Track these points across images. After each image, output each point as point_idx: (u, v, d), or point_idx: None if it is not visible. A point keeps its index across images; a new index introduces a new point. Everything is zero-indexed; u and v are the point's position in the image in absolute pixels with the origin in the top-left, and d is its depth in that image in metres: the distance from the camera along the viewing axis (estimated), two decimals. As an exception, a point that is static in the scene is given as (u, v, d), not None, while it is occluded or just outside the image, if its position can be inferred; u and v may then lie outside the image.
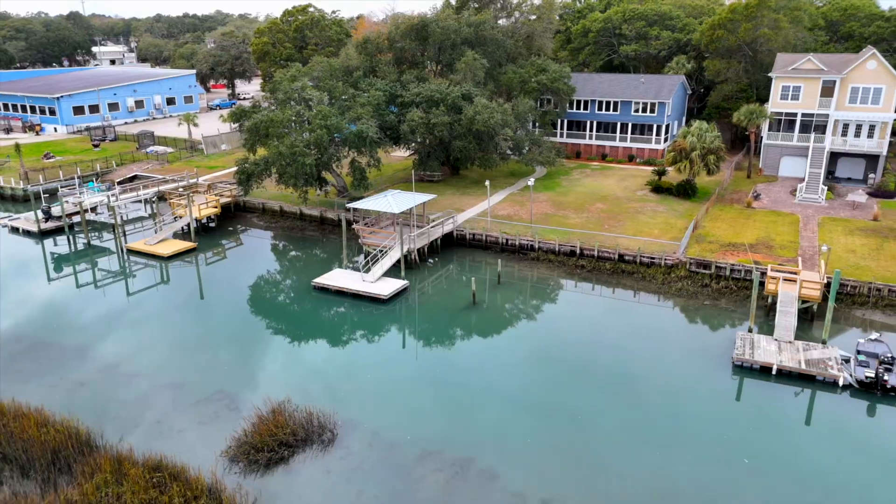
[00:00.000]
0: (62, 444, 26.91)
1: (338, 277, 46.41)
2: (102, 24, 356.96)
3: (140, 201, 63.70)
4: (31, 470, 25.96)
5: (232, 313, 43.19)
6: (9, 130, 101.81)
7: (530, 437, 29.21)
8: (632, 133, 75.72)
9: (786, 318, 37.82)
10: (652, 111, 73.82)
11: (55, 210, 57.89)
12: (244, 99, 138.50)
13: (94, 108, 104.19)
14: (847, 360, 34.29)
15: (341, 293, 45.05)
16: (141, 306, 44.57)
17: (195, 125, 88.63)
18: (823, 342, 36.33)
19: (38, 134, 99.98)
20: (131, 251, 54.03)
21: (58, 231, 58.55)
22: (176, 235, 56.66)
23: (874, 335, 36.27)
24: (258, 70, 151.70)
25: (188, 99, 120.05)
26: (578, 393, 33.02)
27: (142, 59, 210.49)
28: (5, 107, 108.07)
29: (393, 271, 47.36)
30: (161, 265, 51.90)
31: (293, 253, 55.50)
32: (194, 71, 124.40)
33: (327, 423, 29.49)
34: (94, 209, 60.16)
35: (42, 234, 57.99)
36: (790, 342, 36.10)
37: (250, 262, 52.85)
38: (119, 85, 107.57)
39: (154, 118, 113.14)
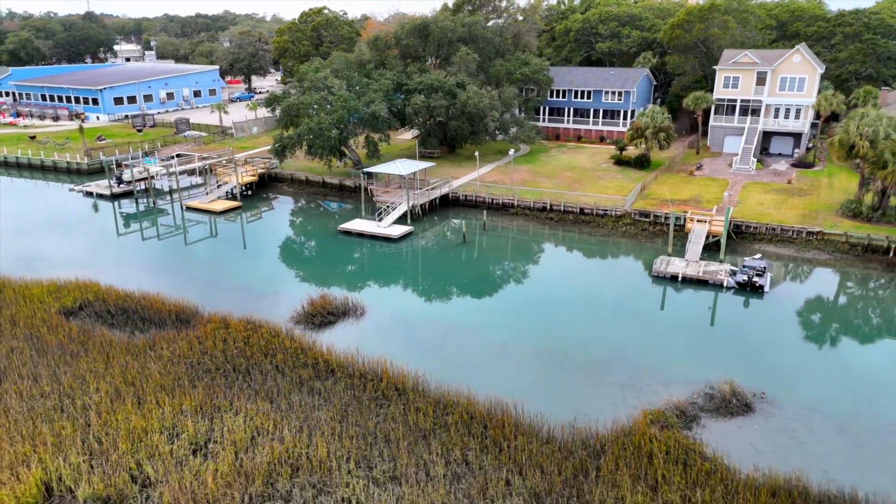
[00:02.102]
0: (182, 311, 39.82)
1: (358, 224, 59.32)
2: (114, 23, 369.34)
3: (187, 173, 76.48)
4: (164, 326, 38.79)
5: (281, 247, 56.27)
6: (56, 119, 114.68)
7: (505, 320, 42.21)
8: (603, 118, 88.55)
9: (695, 245, 50.74)
10: (619, 99, 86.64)
11: (126, 176, 70.79)
12: (260, 93, 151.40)
13: (132, 99, 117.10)
14: (734, 273, 47.13)
15: (361, 235, 57.94)
16: (217, 242, 57.56)
17: (226, 112, 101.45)
18: (721, 261, 49.25)
19: (83, 122, 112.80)
20: (189, 208, 66.93)
21: (127, 194, 71.51)
22: (221, 198, 69.54)
23: (757, 256, 49.08)
24: (272, 67, 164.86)
25: (212, 92, 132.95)
26: (545, 295, 46.02)
27: (160, 56, 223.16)
28: (51, 98, 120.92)
29: (401, 221, 60.24)
30: (212, 219, 64.80)
31: (319, 210, 68.41)
32: (217, 67, 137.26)
33: (359, 305, 42.43)
34: (154, 177, 72.97)
35: (114, 197, 70.92)
36: (696, 261, 48.98)
37: (286, 216, 65.91)
38: (153, 79, 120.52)
39: (183, 108, 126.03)
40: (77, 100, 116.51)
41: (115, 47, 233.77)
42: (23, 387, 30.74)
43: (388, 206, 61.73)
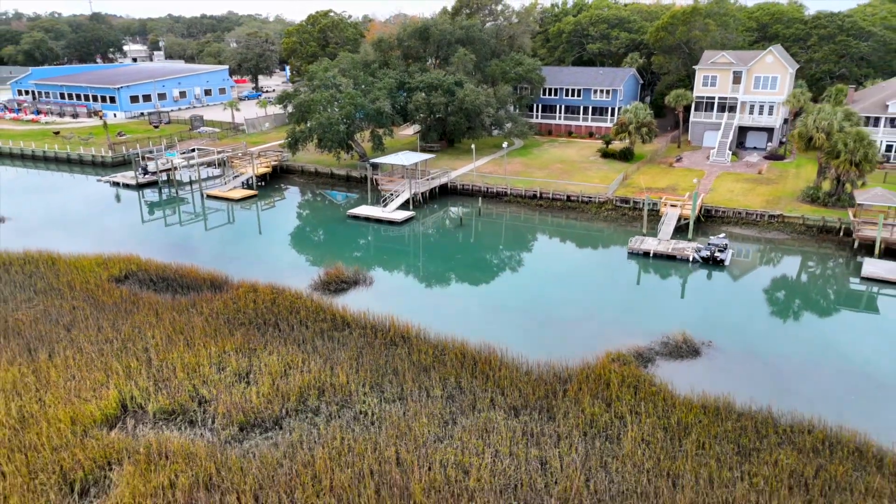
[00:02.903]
0: (214, 279, 45.84)
1: (365, 209, 65.37)
2: (119, 24, 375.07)
3: (206, 165, 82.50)
4: (200, 291, 44.75)
5: (296, 229, 62.37)
6: (75, 116, 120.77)
7: (496, 289, 48.29)
8: (592, 114, 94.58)
9: (667, 226, 56.79)
10: (607, 96, 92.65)
11: (151, 167, 76.84)
12: (267, 91, 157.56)
13: (147, 98, 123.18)
14: (699, 249, 53.12)
15: (368, 219, 63.99)
16: (235, 227, 63.65)
17: (238, 110, 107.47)
18: (689, 240, 55.29)
19: (101, 118, 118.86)
20: (210, 196, 72.99)
21: (151, 184, 77.57)
22: (237, 187, 75.57)
23: (721, 235, 55.04)
24: (278, 67, 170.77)
25: (222, 90, 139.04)
26: (532, 269, 52.14)
27: (168, 56, 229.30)
28: (70, 96, 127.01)
29: (403, 207, 66.28)
30: (230, 207, 70.84)
31: (328, 199, 74.44)
32: (227, 67, 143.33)
33: (367, 276, 48.51)
34: (176, 169, 78.96)
35: (139, 187, 76.97)
36: (667, 240, 55.00)
37: (299, 203, 71.98)
38: (167, 78, 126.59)
39: (194, 106, 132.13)
40: (95, 98, 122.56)
41: (126, 48, 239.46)
42: (89, 335, 36.81)
43: (392, 194, 67.77)
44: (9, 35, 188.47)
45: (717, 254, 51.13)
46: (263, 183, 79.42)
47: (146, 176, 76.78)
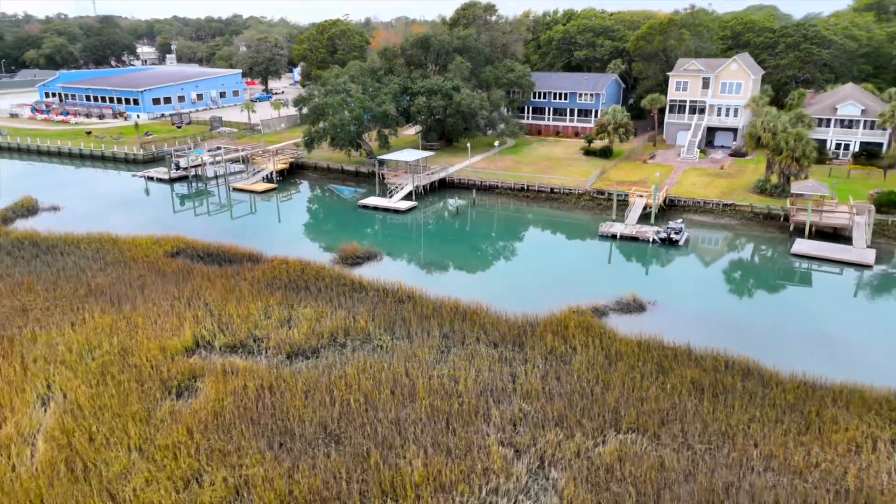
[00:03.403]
0: (251, 255, 55.29)
1: (374, 200, 74.81)
2: (127, 25, 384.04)
3: (231, 161, 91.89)
4: (241, 264, 54.16)
5: (314, 217, 71.86)
6: (101, 117, 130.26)
7: (485, 264, 57.80)
8: (577, 116, 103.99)
9: (633, 214, 66.20)
10: (591, 100, 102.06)
11: (182, 163, 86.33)
12: (277, 93, 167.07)
13: (168, 100, 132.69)
14: (658, 232, 62.49)
15: (377, 208, 73.43)
16: (258, 217, 73.16)
17: (254, 112, 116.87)
18: (652, 225, 64.74)
19: (126, 120, 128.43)
20: (235, 189, 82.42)
21: (181, 179, 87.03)
22: (259, 181, 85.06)
23: (679, 221, 64.40)
24: (286, 69, 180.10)
25: (235, 93, 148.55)
26: (517, 249, 61.66)
27: (179, 58, 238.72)
28: (95, 98, 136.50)
29: (407, 198, 75.70)
30: (252, 198, 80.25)
31: (340, 191, 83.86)
32: (240, 71, 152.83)
33: (377, 253, 58.00)
34: (205, 164, 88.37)
35: (172, 181, 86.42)
36: (633, 225, 64.40)
37: (315, 195, 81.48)
38: (186, 81, 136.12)
39: (210, 108, 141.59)
40: (119, 100, 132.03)
41: (139, 50, 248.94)
42: (159, 294, 46.30)
43: (397, 187, 77.23)
44: (30, 40, 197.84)
45: (672, 236, 60.60)
46: (281, 178, 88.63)
47: (178, 171, 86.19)
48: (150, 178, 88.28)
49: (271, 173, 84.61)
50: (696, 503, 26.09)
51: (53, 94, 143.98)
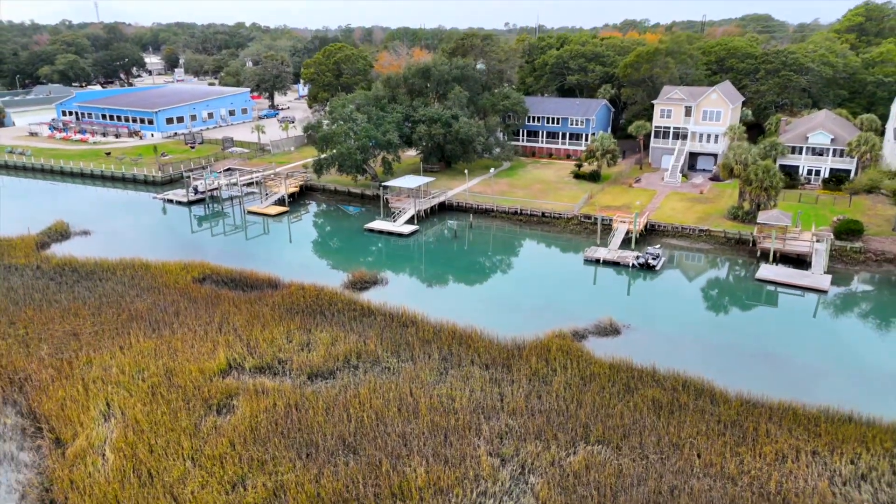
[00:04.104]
0: (269, 280, 61.60)
1: (379, 224, 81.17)
2: (133, 33, 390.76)
3: (246, 184, 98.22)
4: (261, 289, 60.43)
5: (323, 240, 78.20)
6: (118, 136, 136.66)
7: (481, 286, 64.19)
8: (569, 139, 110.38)
9: (616, 239, 72.57)
10: (582, 124, 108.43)
11: (200, 187, 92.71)
12: (283, 109, 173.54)
13: (180, 119, 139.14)
14: (638, 257, 68.82)
15: (381, 232, 79.78)
16: (270, 238, 79.52)
17: (263, 132, 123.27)
18: (633, 250, 71.07)
19: (140, 139, 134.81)
20: (250, 212, 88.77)
21: (199, 201, 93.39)
22: (272, 204, 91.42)
23: (657, 246, 70.76)
24: (291, 83, 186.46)
25: (244, 111, 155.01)
26: (510, 271, 68.03)
27: (187, 70, 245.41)
28: (111, 117, 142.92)
29: (409, 222, 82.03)
30: (265, 220, 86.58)
31: (347, 213, 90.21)
32: (248, 90, 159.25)
33: (384, 278, 64.33)
34: (220, 188, 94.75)
35: (190, 203, 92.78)
36: (616, 250, 70.73)
37: (324, 217, 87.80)
38: (198, 101, 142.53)
39: (220, 126, 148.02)
40: (134, 119, 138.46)
41: (147, 60, 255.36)
42: (192, 319, 52.60)
43: (400, 211, 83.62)
44: (44, 56, 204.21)
45: (650, 261, 66.98)
46: (292, 199, 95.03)
47: (196, 195, 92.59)
48: (170, 201, 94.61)
49: (283, 196, 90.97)
50: (647, 500, 32.39)
51: (70, 113, 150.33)
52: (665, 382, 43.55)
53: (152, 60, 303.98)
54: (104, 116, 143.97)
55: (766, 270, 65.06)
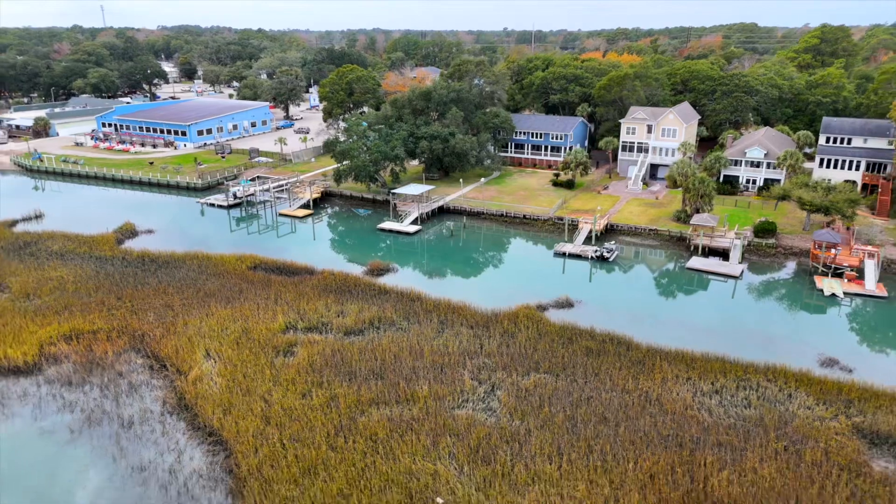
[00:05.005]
0: (306, 268, 79.50)
1: (388, 224, 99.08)
2: (145, 40, 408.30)
3: (276, 190, 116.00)
4: (300, 275, 78.25)
5: (342, 237, 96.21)
6: (154, 146, 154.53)
7: (471, 274, 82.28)
8: (550, 151, 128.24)
9: (580, 236, 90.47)
10: (561, 139, 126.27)
11: (239, 192, 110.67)
12: (297, 119, 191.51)
13: (209, 131, 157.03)
14: (596, 251, 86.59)
15: (391, 231, 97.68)
16: (296, 236, 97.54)
17: (285, 144, 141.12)
18: (592, 245, 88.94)
19: (175, 149, 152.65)
20: (281, 214, 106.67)
21: (236, 205, 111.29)
22: (300, 207, 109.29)
23: (612, 243, 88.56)
24: (303, 95, 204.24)
25: (264, 122, 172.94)
26: (494, 262, 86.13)
27: (203, 80, 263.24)
28: (147, 129, 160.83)
29: (413, 223, 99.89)
30: (293, 221, 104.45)
31: (362, 216, 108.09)
32: (268, 104, 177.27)
33: (394, 267, 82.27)
34: (255, 193, 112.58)
35: (229, 207, 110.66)
36: (580, 245, 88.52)
37: (342, 220, 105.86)
38: (225, 114, 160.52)
39: (244, 136, 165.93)
40: (169, 131, 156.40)
41: (167, 69, 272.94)
42: (254, 296, 70.43)
43: (406, 213, 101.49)
44: (77, 70, 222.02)
45: (605, 254, 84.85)
46: (315, 203, 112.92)
47: (234, 199, 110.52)
48: (211, 205, 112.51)
49: (309, 201, 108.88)
50: (571, 404, 50.18)
51: (109, 125, 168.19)
52: (598, 337, 61.40)
53: (167, 68, 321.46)
54: (141, 128, 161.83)
55: (695, 261, 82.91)
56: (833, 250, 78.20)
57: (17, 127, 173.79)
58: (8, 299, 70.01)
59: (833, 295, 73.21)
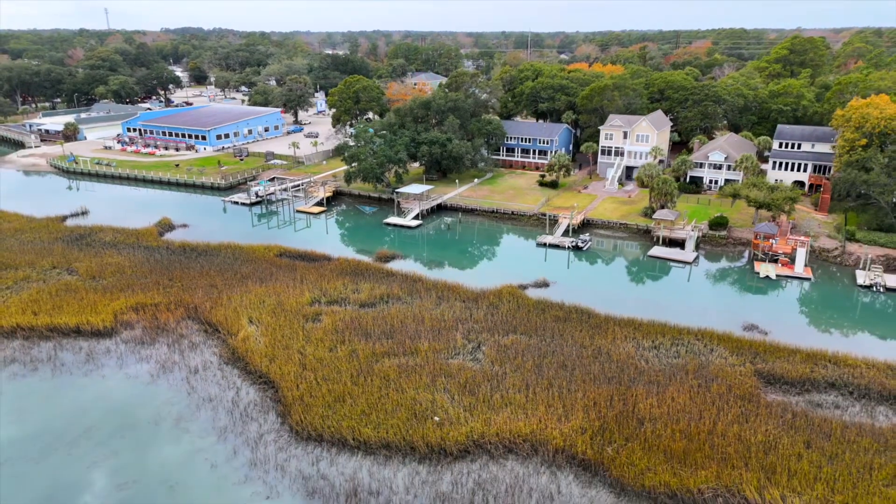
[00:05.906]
0: (324, 256, 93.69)
1: (393, 219, 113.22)
2: (153, 45, 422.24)
3: (294, 189, 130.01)
4: (319, 261, 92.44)
5: (353, 231, 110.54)
6: (177, 149, 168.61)
7: (465, 261, 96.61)
8: (538, 154, 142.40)
9: (559, 229, 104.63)
10: (548, 143, 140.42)
11: (260, 192, 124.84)
12: (306, 124, 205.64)
13: (227, 135, 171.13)
14: (573, 242, 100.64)
15: (395, 225, 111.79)
16: (312, 231, 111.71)
17: (298, 148, 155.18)
18: (569, 237, 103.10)
19: (196, 152, 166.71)
20: (298, 211, 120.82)
21: (257, 203, 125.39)
22: (315, 205, 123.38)
23: (586, 235, 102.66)
24: (310, 100, 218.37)
25: (276, 127, 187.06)
26: (486, 251, 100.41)
27: (215, 85, 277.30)
28: (169, 134, 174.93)
29: (415, 218, 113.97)
30: (308, 217, 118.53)
31: (367, 213, 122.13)
32: (279, 109, 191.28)
33: (398, 255, 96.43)
34: (274, 193, 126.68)
35: (251, 205, 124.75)
36: (559, 237, 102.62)
37: (351, 216, 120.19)
38: (241, 120, 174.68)
39: (258, 140, 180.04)
40: (191, 136, 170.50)
41: (179, 73, 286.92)
42: (281, 277, 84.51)
43: (408, 210, 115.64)
44: (98, 76, 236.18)
45: (579, 244, 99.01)
46: (328, 201, 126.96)
47: (256, 198, 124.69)
48: (235, 203, 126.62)
49: (322, 199, 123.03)
50: (539, 355, 64.23)
51: (134, 129, 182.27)
52: (565, 308, 75.49)
53: (179, 73, 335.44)
54: (164, 133, 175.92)
55: (657, 250, 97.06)
56: (771, 240, 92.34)
57: (47, 131, 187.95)
58: (79, 280, 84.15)
59: (767, 277, 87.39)
